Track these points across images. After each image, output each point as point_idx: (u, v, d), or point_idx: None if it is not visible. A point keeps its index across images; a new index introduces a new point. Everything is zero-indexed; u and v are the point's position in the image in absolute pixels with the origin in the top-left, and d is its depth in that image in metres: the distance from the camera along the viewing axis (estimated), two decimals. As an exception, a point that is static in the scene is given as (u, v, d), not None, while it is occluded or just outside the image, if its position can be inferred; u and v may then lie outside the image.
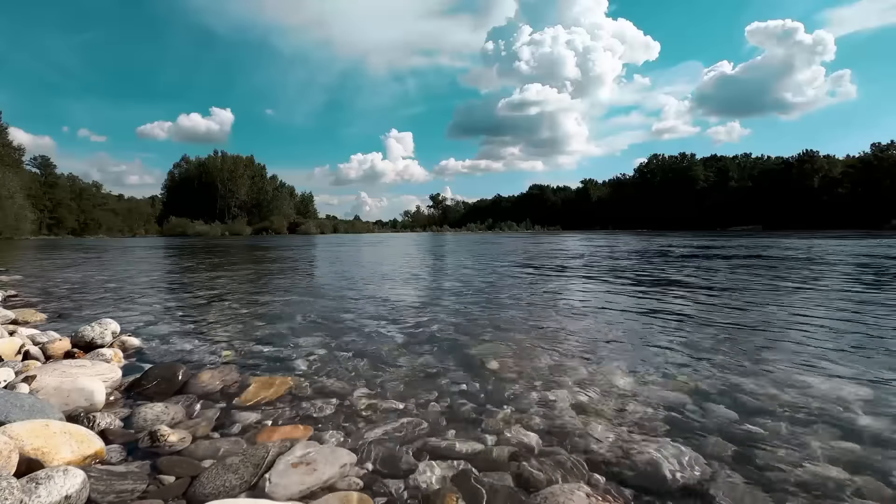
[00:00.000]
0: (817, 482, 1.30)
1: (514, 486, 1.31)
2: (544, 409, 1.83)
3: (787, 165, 67.04)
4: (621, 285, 5.73)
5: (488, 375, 2.25)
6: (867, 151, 61.17)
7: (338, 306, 4.30)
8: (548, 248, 16.15)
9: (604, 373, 2.27)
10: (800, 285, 5.37)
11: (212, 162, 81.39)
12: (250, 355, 2.62)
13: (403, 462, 1.42)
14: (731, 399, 1.91)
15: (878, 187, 55.46)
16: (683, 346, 2.75)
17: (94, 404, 1.77)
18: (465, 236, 43.60)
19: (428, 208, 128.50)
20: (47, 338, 2.68)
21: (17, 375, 1.93)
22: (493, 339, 2.98)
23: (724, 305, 4.14)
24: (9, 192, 45.17)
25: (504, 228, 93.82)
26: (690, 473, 1.34)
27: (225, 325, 3.48)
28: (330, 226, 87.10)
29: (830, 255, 10.05)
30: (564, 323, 3.51)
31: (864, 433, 1.59)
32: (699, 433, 1.61)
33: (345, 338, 3.02)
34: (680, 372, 2.27)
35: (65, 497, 1.11)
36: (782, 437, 1.57)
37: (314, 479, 1.29)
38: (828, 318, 3.54)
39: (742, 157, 77.89)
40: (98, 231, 61.99)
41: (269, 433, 1.61)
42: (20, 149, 56.15)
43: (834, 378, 2.15)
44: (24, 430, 1.32)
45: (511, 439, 1.57)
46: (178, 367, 2.22)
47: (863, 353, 2.58)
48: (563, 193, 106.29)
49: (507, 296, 4.92)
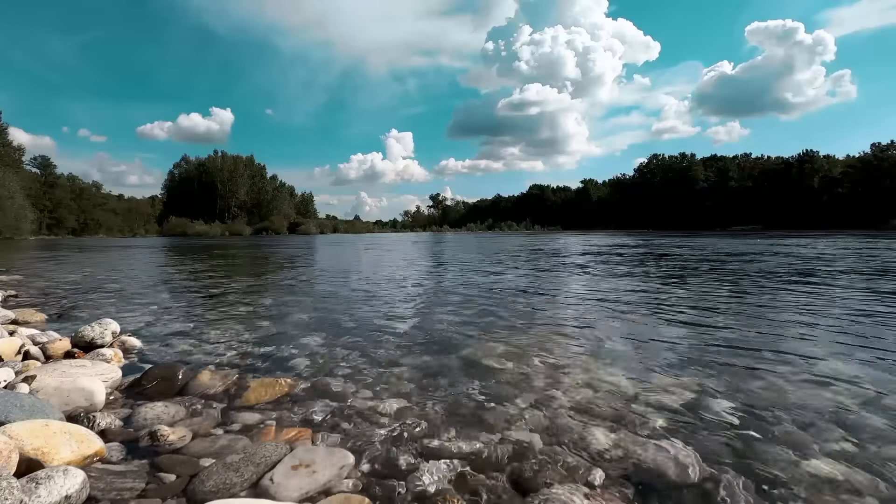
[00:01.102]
0: (817, 482, 1.31)
1: (513, 486, 1.31)
2: (544, 408, 1.83)
3: (787, 165, 67.04)
4: (621, 285, 5.73)
5: (488, 376, 2.25)
6: (867, 151, 61.21)
7: (337, 307, 4.30)
8: (548, 247, 16.15)
9: (604, 373, 2.27)
10: (800, 285, 5.37)
11: (212, 162, 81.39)
12: (250, 356, 2.62)
13: (403, 463, 1.42)
14: (731, 399, 1.91)
15: (878, 187, 55.46)
16: (684, 347, 2.75)
17: (94, 404, 1.77)
18: (465, 236, 43.59)
19: (428, 208, 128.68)
20: (47, 338, 2.68)
21: (17, 375, 1.93)
22: (493, 339, 2.98)
23: (725, 305, 4.14)
24: (9, 192, 45.16)
25: (504, 228, 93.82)
26: (690, 473, 1.34)
27: (225, 325, 3.48)
28: (330, 226, 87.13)
29: (831, 256, 10.05)
30: (564, 323, 3.51)
31: (864, 433, 1.59)
32: (699, 433, 1.61)
33: (345, 338, 3.02)
34: (680, 372, 2.27)
35: (65, 497, 1.11)
36: (782, 437, 1.57)
37: (314, 480, 1.29)
38: (828, 318, 3.54)
39: (742, 157, 77.86)
40: (98, 231, 61.99)
41: (269, 434, 1.61)
42: (20, 149, 56.21)
43: (834, 378, 2.15)
44: (24, 430, 1.32)
45: (511, 439, 1.57)
46: (178, 367, 2.22)
47: (863, 353, 2.58)
48: (563, 193, 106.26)
49: (507, 295, 4.92)
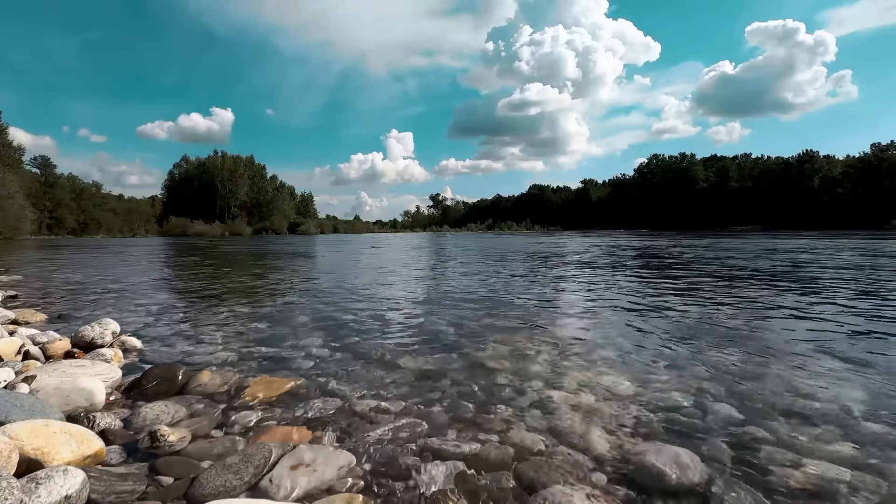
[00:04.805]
0: (817, 483, 1.30)
1: (514, 486, 1.31)
2: (545, 409, 1.83)
3: (787, 165, 67.05)
4: (622, 286, 5.73)
5: (489, 376, 2.25)
6: (867, 151, 61.20)
7: (338, 307, 4.30)
8: (548, 248, 16.15)
9: (604, 374, 2.27)
10: (800, 285, 5.37)
11: (212, 162, 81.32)
12: (251, 356, 2.62)
13: (403, 463, 1.42)
14: (731, 400, 1.90)
15: (878, 187, 55.46)
16: (684, 347, 2.74)
17: (94, 404, 1.77)
18: (465, 236, 43.58)
19: (428, 208, 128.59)
20: (47, 338, 2.68)
21: (17, 375, 1.93)
22: (493, 339, 2.98)
23: (725, 306, 4.14)
24: (9, 192, 45.11)
25: (504, 228, 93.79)
26: (691, 474, 1.34)
27: (225, 325, 3.48)
28: (330, 226, 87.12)
29: (831, 256, 10.05)
30: (565, 323, 3.51)
31: (864, 433, 1.59)
32: (699, 434, 1.61)
33: (345, 338, 3.02)
34: (680, 373, 2.27)
35: (65, 497, 1.11)
36: (782, 438, 1.57)
37: (314, 480, 1.29)
38: (828, 318, 3.54)
39: (742, 157, 77.85)
40: (98, 231, 61.97)
41: (269, 434, 1.61)
42: (20, 149, 56.14)
43: (834, 378, 2.15)
44: (24, 430, 1.32)
45: (512, 440, 1.57)
46: (178, 367, 2.22)
47: (863, 353, 2.57)
48: (563, 193, 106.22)
49: (507, 296, 4.92)
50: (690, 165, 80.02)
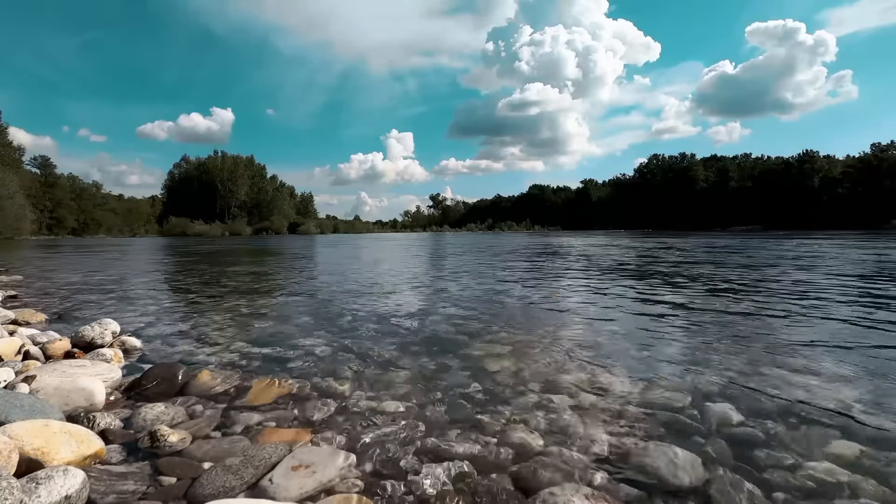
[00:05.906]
0: (817, 483, 1.30)
1: (514, 487, 1.31)
2: (545, 409, 1.83)
3: (787, 165, 67.06)
4: (622, 286, 5.73)
5: (488, 376, 2.25)
6: (867, 151, 61.19)
7: (338, 307, 4.30)
8: (548, 248, 16.14)
9: (604, 374, 2.27)
10: (800, 286, 5.37)
11: (212, 162, 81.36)
12: (251, 356, 2.62)
13: (403, 464, 1.42)
14: (731, 400, 1.90)
15: (878, 187, 55.46)
16: (684, 347, 2.74)
17: (94, 404, 1.77)
18: (465, 236, 43.58)
19: (428, 208, 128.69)
20: (47, 338, 2.68)
21: (17, 375, 1.93)
22: (493, 339, 2.97)
23: (725, 306, 4.14)
24: (9, 192, 45.14)
25: (504, 228, 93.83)
26: (691, 474, 1.34)
27: (225, 325, 3.48)
28: (330, 226, 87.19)
29: (832, 256, 10.05)
30: (565, 324, 3.51)
31: (864, 433, 1.59)
32: (699, 434, 1.61)
33: (345, 339, 3.02)
34: (681, 373, 2.27)
35: (65, 497, 1.11)
36: (782, 438, 1.57)
37: (314, 481, 1.29)
38: (828, 318, 3.53)
39: (742, 157, 77.89)
40: (98, 231, 62.00)
41: (269, 434, 1.60)
42: (20, 149, 56.25)
43: (834, 378, 2.14)
44: (24, 430, 1.32)
45: (511, 440, 1.57)
46: (179, 367, 2.22)
47: (864, 353, 2.57)
48: (564, 193, 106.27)
49: (507, 296, 4.92)
50: (690, 165, 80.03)
